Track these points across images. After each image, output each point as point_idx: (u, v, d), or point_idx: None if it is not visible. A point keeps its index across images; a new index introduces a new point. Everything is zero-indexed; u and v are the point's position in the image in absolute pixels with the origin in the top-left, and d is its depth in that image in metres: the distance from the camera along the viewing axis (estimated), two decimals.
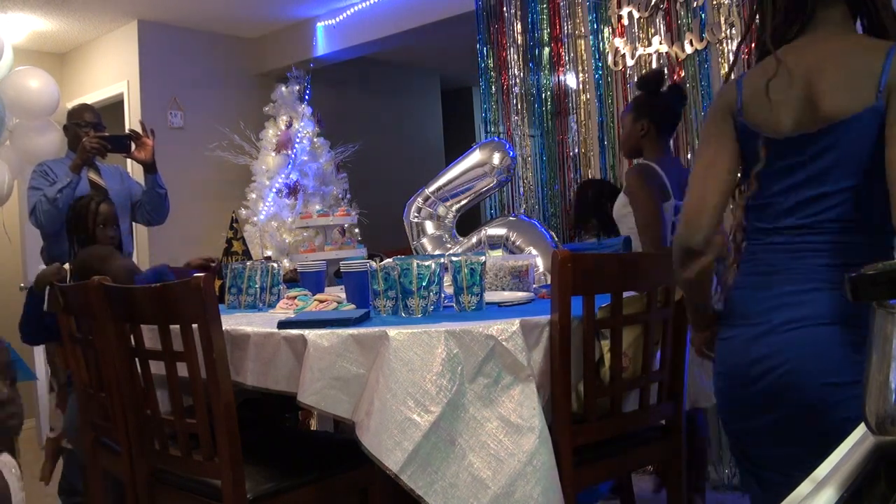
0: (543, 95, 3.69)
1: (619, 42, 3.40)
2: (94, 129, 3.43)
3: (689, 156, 3.20)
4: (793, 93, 1.31)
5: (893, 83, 1.25)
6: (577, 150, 3.59)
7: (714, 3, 3.11)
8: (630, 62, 3.38)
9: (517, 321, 1.57)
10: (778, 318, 1.32)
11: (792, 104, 1.32)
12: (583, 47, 3.56)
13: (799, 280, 1.32)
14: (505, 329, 1.56)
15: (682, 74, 3.22)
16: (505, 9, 3.80)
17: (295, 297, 2.15)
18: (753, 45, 1.62)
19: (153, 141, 3.26)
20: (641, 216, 2.52)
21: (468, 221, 3.29)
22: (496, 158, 2.78)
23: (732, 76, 1.51)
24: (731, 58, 3.06)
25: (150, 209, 3.38)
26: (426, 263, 1.80)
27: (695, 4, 3.16)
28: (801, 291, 1.31)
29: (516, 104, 3.80)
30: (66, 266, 2.54)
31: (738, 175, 1.40)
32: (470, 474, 1.48)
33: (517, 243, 2.69)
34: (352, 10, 4.84)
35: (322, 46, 5.06)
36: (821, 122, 1.29)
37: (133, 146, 3.26)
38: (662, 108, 2.65)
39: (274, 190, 4.89)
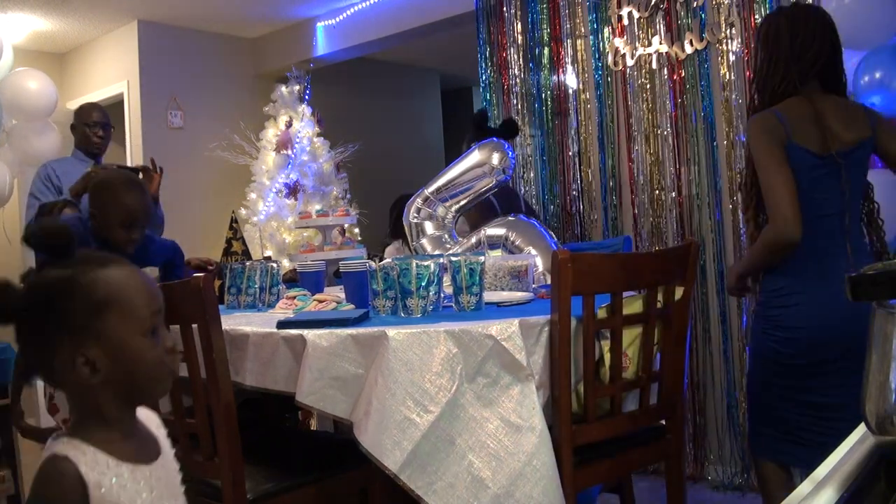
0: (543, 95, 3.69)
1: (619, 42, 3.40)
2: (102, 129, 3.47)
3: (686, 155, 3.20)
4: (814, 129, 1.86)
5: (876, 123, 1.91)
6: (576, 150, 3.59)
7: (714, 3, 3.11)
8: (630, 62, 3.38)
9: (516, 321, 1.57)
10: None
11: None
12: (583, 47, 3.56)
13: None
14: (504, 329, 1.55)
15: (682, 74, 3.22)
16: (505, 9, 3.80)
17: (294, 297, 2.15)
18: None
19: (160, 176, 3.12)
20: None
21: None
22: (495, 159, 2.77)
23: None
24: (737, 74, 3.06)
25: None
26: (425, 263, 1.80)
27: (695, 4, 3.16)
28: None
29: (516, 104, 3.80)
30: None
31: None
32: (469, 474, 1.47)
33: (516, 243, 2.68)
34: (352, 10, 4.84)
35: (322, 46, 5.06)
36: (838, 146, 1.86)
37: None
38: None
39: (274, 190, 4.89)
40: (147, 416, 0.99)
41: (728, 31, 3.07)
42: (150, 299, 0.92)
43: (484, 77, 3.90)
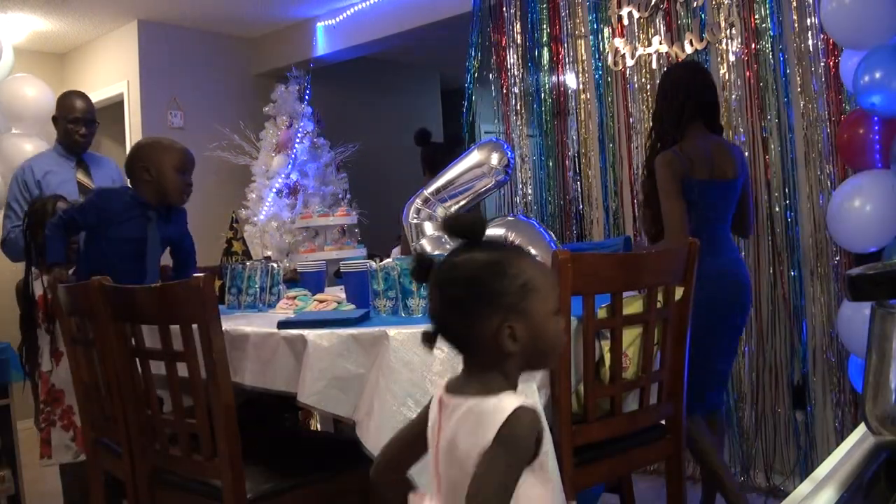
0: (543, 95, 3.69)
1: (619, 42, 3.40)
2: (86, 126, 3.23)
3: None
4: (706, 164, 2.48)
5: (742, 168, 2.58)
6: (576, 150, 3.59)
7: (714, 3, 3.11)
8: (630, 62, 3.38)
9: None
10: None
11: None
12: (583, 47, 3.56)
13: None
14: None
15: None
16: (504, 9, 3.80)
17: (295, 298, 2.15)
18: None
19: None
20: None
21: None
22: (494, 159, 2.77)
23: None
24: (730, 58, 3.06)
25: None
26: None
27: (695, 4, 3.16)
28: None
29: (516, 104, 3.80)
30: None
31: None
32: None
33: (516, 243, 2.68)
34: (352, 10, 4.84)
35: (322, 46, 5.06)
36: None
37: None
38: (429, 159, 3.58)
39: (274, 190, 4.89)
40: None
41: (728, 31, 3.07)
42: (555, 286, 1.11)
43: (478, 76, 3.90)
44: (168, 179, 2.46)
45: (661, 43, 3.27)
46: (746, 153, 3.04)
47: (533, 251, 2.60)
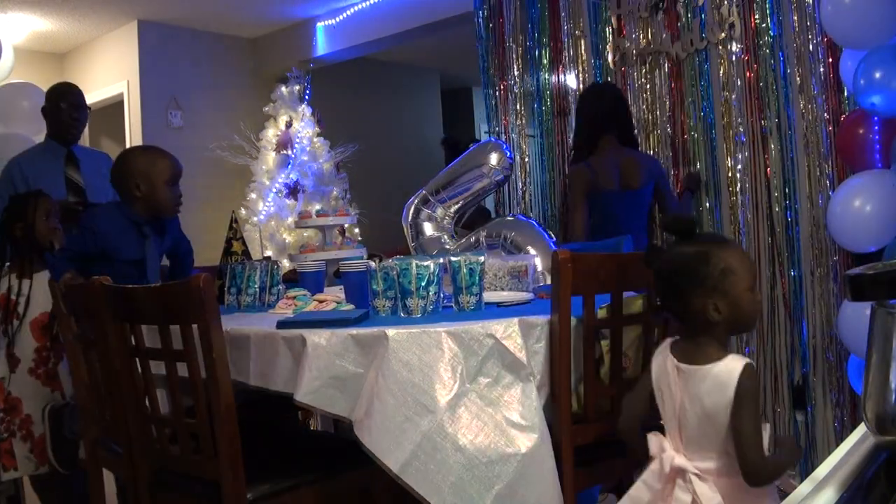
0: (543, 95, 3.69)
1: (619, 42, 3.40)
2: (78, 111, 3.11)
3: (686, 155, 3.20)
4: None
5: (658, 177, 3.02)
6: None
7: (714, 3, 3.11)
8: (630, 62, 3.38)
9: (516, 320, 1.57)
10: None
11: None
12: (583, 47, 3.56)
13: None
14: (504, 328, 1.55)
15: (682, 74, 3.22)
16: (505, 9, 3.80)
17: (294, 298, 2.15)
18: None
19: None
20: None
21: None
22: (494, 159, 2.77)
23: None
24: (729, 59, 3.07)
25: None
26: (425, 263, 1.80)
27: (695, 4, 3.16)
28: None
29: (516, 104, 3.80)
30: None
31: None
32: (471, 474, 1.47)
33: (515, 243, 2.68)
34: (352, 10, 4.84)
35: (322, 46, 5.06)
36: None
37: None
38: None
39: (274, 190, 4.89)
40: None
41: (728, 31, 3.07)
42: (752, 267, 1.41)
43: (484, 77, 3.90)
44: (160, 195, 2.40)
45: (661, 43, 3.27)
46: (746, 153, 3.04)
47: (532, 251, 2.60)
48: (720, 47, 3.10)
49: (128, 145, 4.99)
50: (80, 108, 3.16)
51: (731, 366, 1.31)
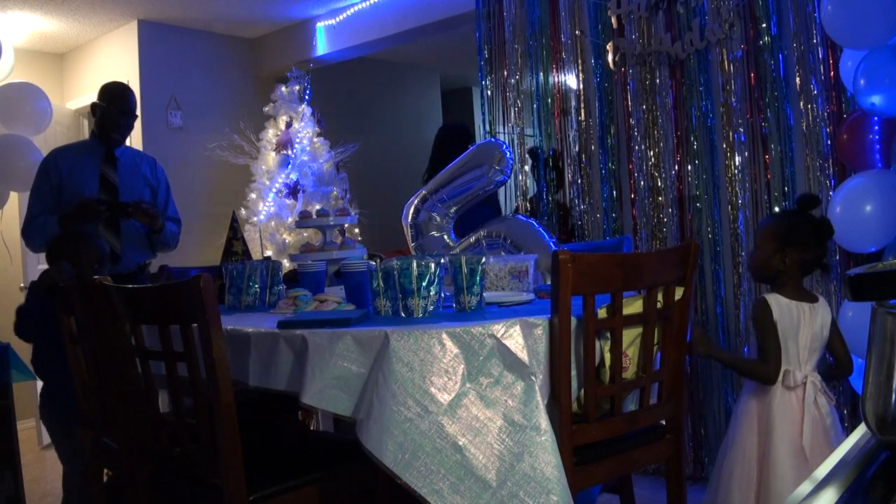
0: (543, 95, 3.69)
1: (619, 42, 3.40)
2: (125, 121, 3.09)
3: (688, 167, 3.21)
4: None
5: None
6: (576, 150, 3.59)
7: (714, 3, 3.11)
8: (630, 62, 3.38)
9: (518, 320, 1.57)
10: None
11: None
12: (583, 47, 3.56)
13: None
14: (506, 328, 1.56)
15: (682, 74, 3.22)
16: (505, 9, 3.80)
17: (295, 298, 2.15)
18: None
19: (154, 213, 3.04)
20: None
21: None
22: (493, 159, 2.77)
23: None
24: (731, 58, 3.07)
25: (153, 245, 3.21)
26: (426, 263, 1.80)
27: (695, 4, 3.16)
28: None
29: (516, 104, 3.80)
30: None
31: None
32: (473, 475, 1.47)
33: (515, 243, 2.69)
34: (352, 10, 4.84)
35: (322, 46, 5.06)
36: None
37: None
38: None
39: (274, 190, 4.89)
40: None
41: (728, 31, 3.07)
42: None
43: (483, 77, 3.90)
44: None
45: (661, 43, 3.27)
46: (746, 153, 3.04)
47: (532, 251, 2.60)
48: (720, 47, 3.10)
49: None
50: (127, 114, 3.13)
51: (823, 300, 2.12)
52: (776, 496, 1.92)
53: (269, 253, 4.75)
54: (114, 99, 3.09)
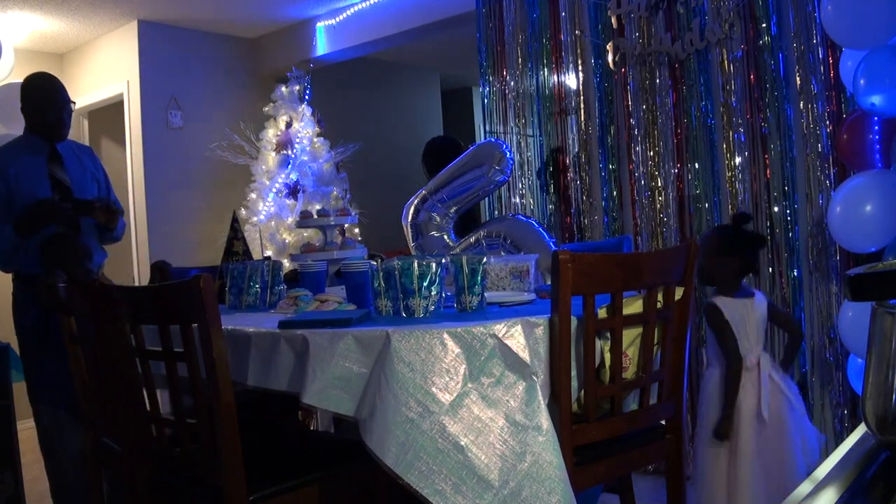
0: (543, 95, 3.69)
1: (619, 42, 3.40)
2: (67, 111, 2.90)
3: (688, 167, 3.21)
4: None
5: None
6: (576, 150, 3.59)
7: (714, 3, 3.11)
8: (630, 62, 3.38)
9: (519, 320, 1.57)
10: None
11: None
12: (583, 47, 3.56)
13: None
14: (507, 328, 1.56)
15: (682, 74, 3.22)
16: (505, 9, 3.80)
17: (296, 298, 2.15)
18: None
19: (116, 210, 2.89)
20: None
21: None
22: (493, 159, 2.78)
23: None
24: (731, 58, 3.07)
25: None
26: (428, 263, 1.80)
27: (694, 4, 3.16)
28: None
29: (516, 104, 3.80)
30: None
31: None
32: (475, 475, 1.47)
33: (515, 243, 2.69)
34: (352, 10, 4.84)
35: (322, 46, 5.06)
36: None
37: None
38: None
39: (274, 190, 4.89)
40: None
41: (728, 31, 3.07)
42: None
43: (483, 77, 3.90)
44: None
45: (661, 43, 3.27)
46: (746, 153, 3.05)
47: (532, 251, 2.60)
48: (720, 47, 3.11)
49: (128, 146, 5.00)
50: (68, 105, 2.93)
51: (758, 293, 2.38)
52: (742, 457, 2.20)
53: (269, 253, 4.75)
54: (52, 93, 2.88)
